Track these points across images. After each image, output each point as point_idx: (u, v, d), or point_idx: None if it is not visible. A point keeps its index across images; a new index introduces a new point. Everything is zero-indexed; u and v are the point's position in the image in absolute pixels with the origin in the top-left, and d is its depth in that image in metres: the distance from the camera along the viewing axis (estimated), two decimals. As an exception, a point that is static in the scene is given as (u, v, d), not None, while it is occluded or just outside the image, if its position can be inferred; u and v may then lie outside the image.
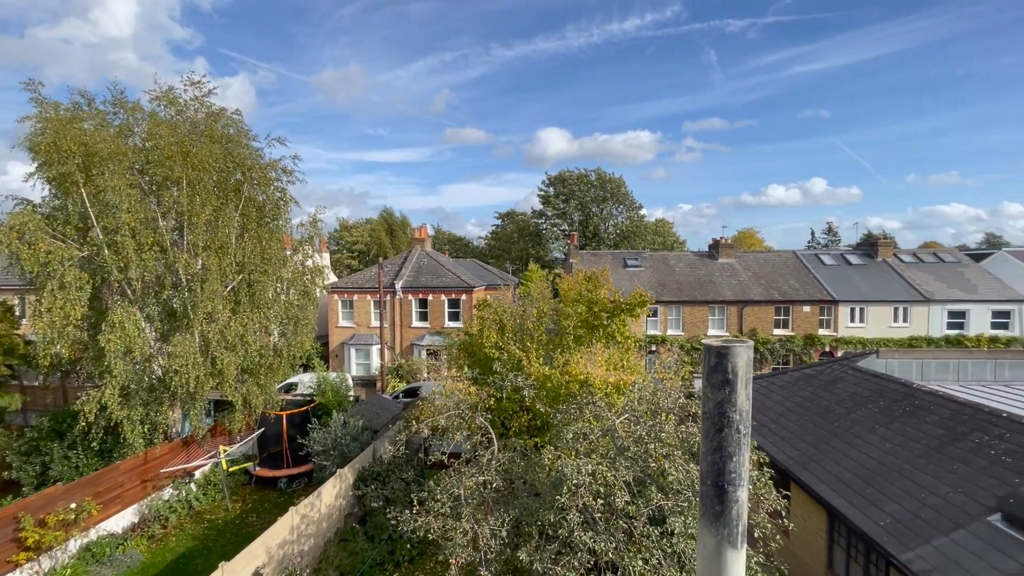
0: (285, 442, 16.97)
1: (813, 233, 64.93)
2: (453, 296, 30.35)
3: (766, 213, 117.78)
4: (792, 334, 28.94)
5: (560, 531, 7.21)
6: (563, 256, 48.16)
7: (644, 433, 8.04)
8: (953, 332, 28.27)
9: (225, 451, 15.81)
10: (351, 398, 21.96)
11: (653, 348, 28.82)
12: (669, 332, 29.54)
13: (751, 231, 64.87)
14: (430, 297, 30.49)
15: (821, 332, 28.87)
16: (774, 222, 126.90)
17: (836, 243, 59.66)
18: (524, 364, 11.27)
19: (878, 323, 28.73)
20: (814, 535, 10.72)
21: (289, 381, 22.61)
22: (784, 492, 8.76)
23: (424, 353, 29.52)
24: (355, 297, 31.08)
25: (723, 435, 0.75)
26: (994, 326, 28.19)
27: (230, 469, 16.25)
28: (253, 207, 16.79)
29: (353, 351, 30.19)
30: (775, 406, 14.09)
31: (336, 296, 31.28)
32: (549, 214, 57.50)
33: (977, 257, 34.06)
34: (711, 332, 29.26)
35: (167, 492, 15.16)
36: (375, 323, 30.31)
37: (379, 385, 26.64)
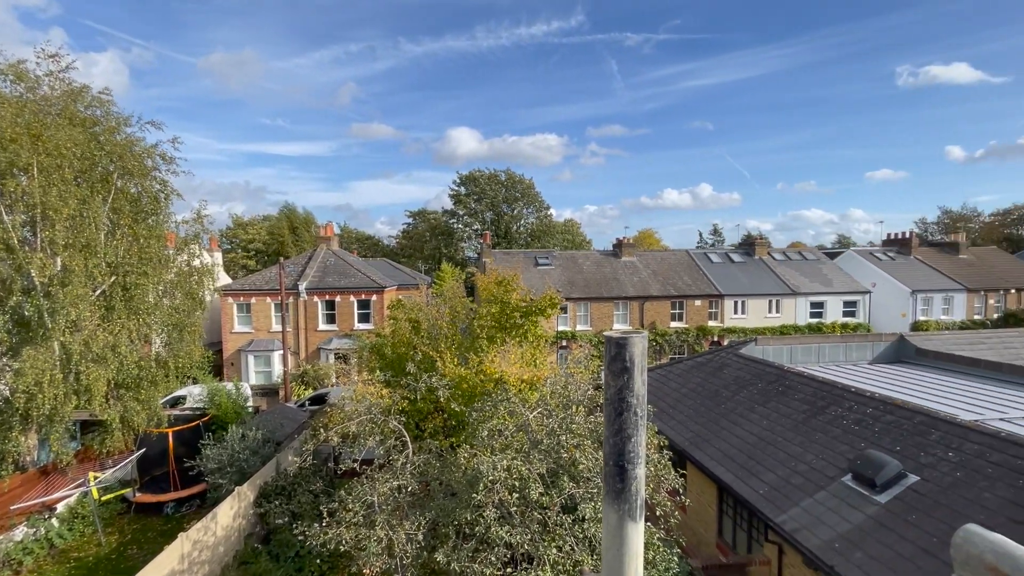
0: (172, 462, 15.29)
1: (701, 234, 71.36)
2: (363, 297, 29.23)
3: (662, 215, 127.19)
4: (687, 326, 31.56)
5: (477, 528, 7.27)
6: (476, 255, 48.36)
7: (556, 426, 8.34)
8: (814, 320, 32.58)
9: (96, 478, 13.89)
10: (250, 409, 20.32)
11: (564, 344, 29.92)
12: (578, 328, 30.84)
13: (650, 231, 69.74)
14: (338, 298, 29.10)
15: (711, 323, 31.79)
16: (669, 223, 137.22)
17: (721, 243, 66.02)
18: (439, 365, 11.17)
19: (756, 314, 32.27)
20: (707, 508, 11.81)
21: (176, 394, 20.39)
22: (681, 471, 9.55)
23: (332, 357, 28.12)
24: (253, 300, 28.79)
25: (623, 418, 0.83)
26: (845, 314, 32.93)
27: (103, 498, 14.31)
28: (126, 200, 14.89)
29: (251, 358, 27.96)
30: (673, 393, 15.30)
31: (231, 299, 28.76)
32: (461, 213, 57.44)
33: (831, 255, 39.50)
34: (616, 326, 31.01)
35: (20, 531, 12.99)
36: (276, 327, 28.30)
37: (282, 393, 24.92)
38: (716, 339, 31.21)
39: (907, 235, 38.32)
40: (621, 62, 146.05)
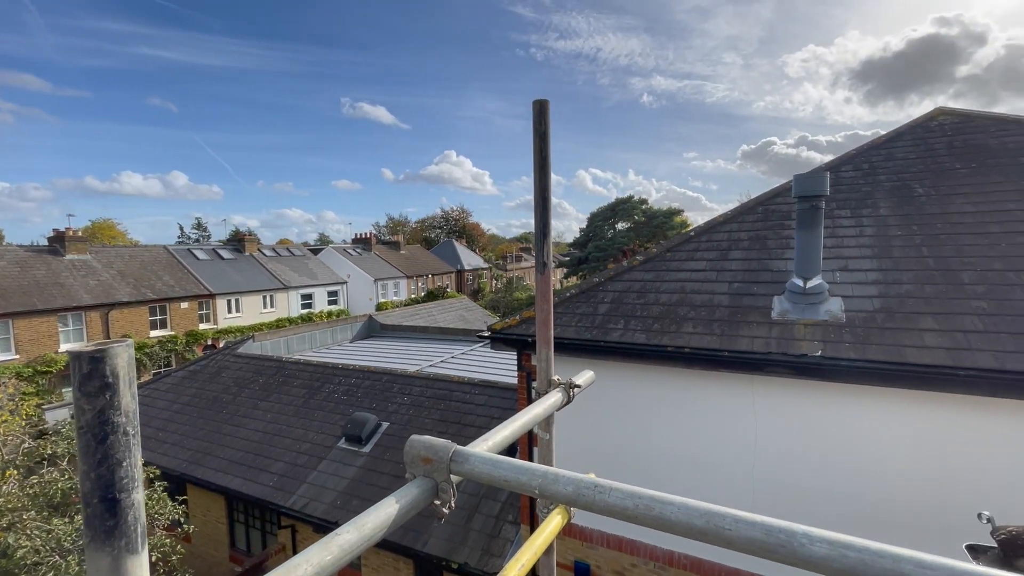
0: None
1: (182, 228, 63.32)
2: None
3: (124, 203, 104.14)
4: (173, 333, 27.50)
5: None
6: None
7: (-38, 510, 5.54)
8: (305, 311, 35.60)
9: None
10: None
11: (-39, 387, 19.74)
12: (-9, 359, 21.12)
13: (110, 222, 55.67)
14: None
15: (203, 327, 29.01)
16: (136, 214, 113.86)
17: (207, 238, 60.86)
18: None
19: (251, 311, 31.99)
20: (215, 525, 10.95)
21: None
22: (182, 498, 8.42)
23: None
24: None
25: (108, 443, 0.73)
26: (330, 302, 37.70)
27: None
28: None
29: None
30: (162, 412, 13.12)
31: None
32: None
33: (315, 251, 44.09)
34: (67, 347, 23.22)
35: None
36: None
37: None
38: (211, 342, 28.76)
39: (368, 235, 47.66)
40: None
